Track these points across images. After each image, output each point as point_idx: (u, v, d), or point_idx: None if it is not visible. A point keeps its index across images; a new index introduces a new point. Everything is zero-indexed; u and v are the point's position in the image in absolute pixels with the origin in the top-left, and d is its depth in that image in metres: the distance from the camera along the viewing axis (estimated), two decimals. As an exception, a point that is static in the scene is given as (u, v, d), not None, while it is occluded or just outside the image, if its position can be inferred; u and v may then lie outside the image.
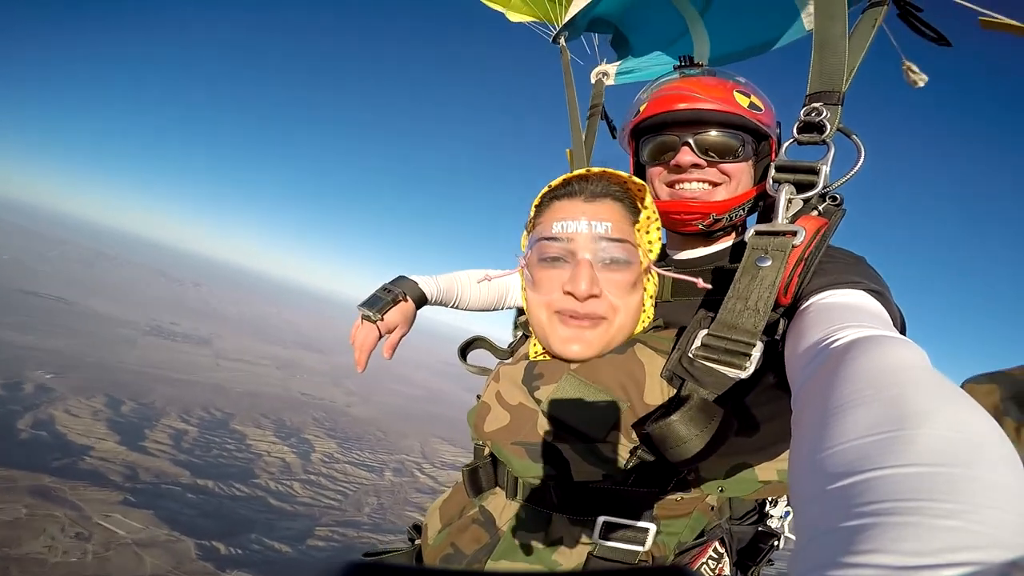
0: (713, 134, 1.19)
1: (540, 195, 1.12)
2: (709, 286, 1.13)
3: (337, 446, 77.91)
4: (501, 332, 1.65)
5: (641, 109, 1.29)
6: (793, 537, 1.36)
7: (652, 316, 1.16)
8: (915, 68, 1.29)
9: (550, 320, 1.07)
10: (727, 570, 1.19)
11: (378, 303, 1.42)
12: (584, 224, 1.03)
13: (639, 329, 1.12)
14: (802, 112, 1.09)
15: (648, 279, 1.12)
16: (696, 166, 1.20)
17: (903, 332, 0.96)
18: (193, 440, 64.08)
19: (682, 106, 1.19)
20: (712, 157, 1.19)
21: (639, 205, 1.12)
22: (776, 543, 1.38)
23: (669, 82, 1.30)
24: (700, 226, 1.25)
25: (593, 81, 1.98)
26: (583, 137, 1.83)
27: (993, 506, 0.36)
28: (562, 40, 1.95)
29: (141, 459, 54.48)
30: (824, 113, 1.06)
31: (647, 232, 1.13)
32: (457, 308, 1.65)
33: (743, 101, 1.20)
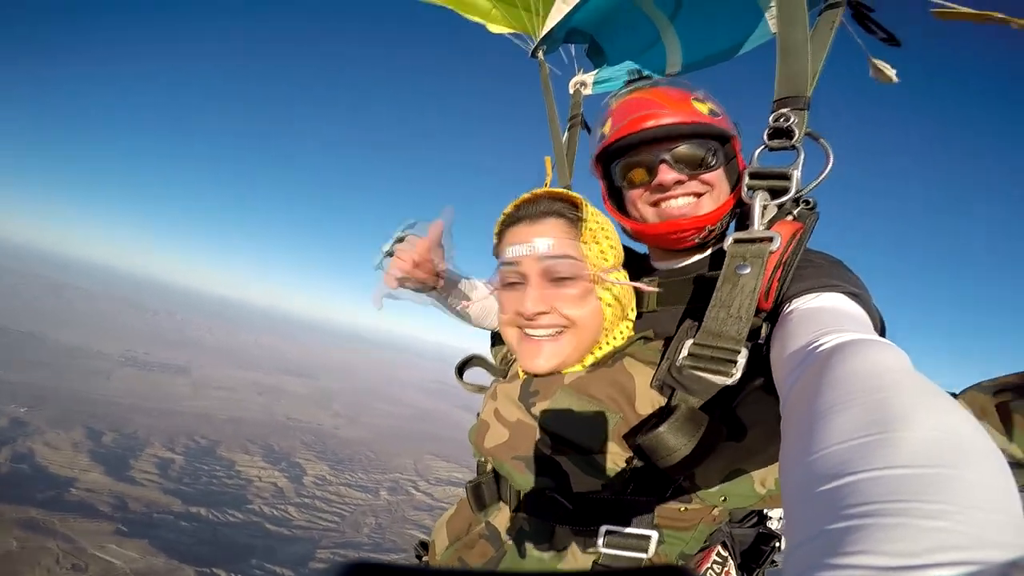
0: (686, 147, 1.18)
1: (498, 223, 1.18)
2: (656, 289, 1.19)
3: (329, 468, 76.41)
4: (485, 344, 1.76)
5: (605, 133, 1.27)
6: None
7: (627, 324, 1.20)
8: (883, 64, 1.30)
9: (517, 338, 1.14)
10: (733, 573, 1.21)
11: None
12: (526, 248, 1.08)
13: (619, 338, 1.17)
14: (771, 118, 1.10)
15: (605, 287, 1.13)
16: (679, 182, 1.20)
17: (883, 333, 0.98)
18: (180, 468, 62.38)
19: (650, 124, 1.18)
20: (691, 170, 1.19)
21: (581, 218, 1.14)
22: (777, 544, 1.38)
23: (626, 98, 1.29)
24: (696, 240, 1.25)
25: (571, 92, 1.99)
26: (564, 148, 1.85)
27: (978, 506, 0.37)
28: (540, 54, 1.98)
29: (129, 489, 52.70)
30: (792, 119, 1.08)
31: (596, 242, 1.12)
32: (457, 311, 1.56)
33: (703, 108, 1.21)
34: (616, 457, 1.01)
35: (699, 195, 1.22)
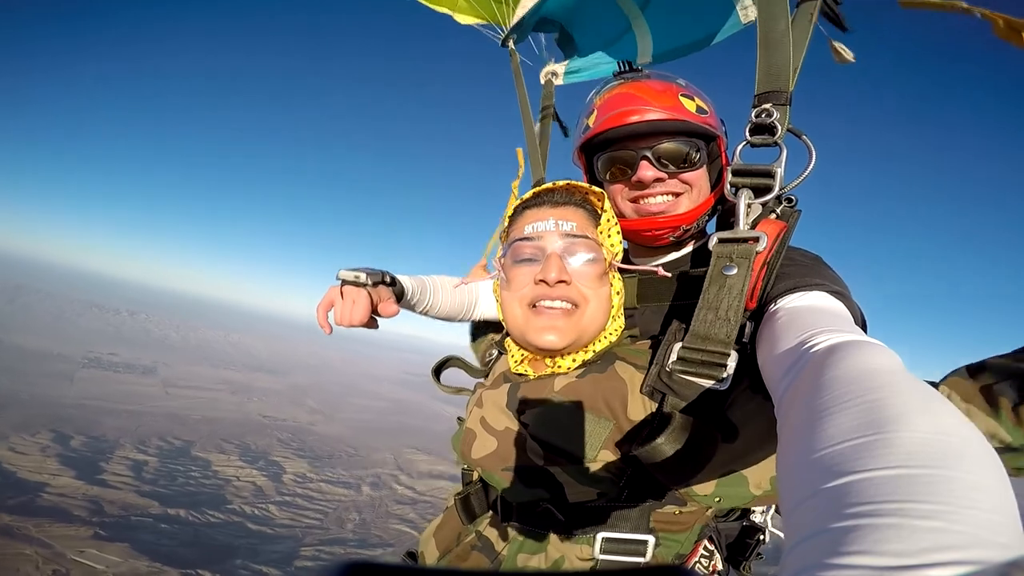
0: (669, 144, 1.17)
1: (512, 207, 1.20)
2: (668, 274, 1.16)
3: (308, 465, 75.19)
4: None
5: (590, 125, 1.27)
6: (777, 532, 1.45)
7: (623, 320, 1.19)
8: (841, 46, 1.32)
9: (525, 314, 1.10)
10: (720, 566, 1.23)
11: (367, 272, 1.24)
12: (552, 223, 1.09)
13: (614, 334, 1.15)
14: (753, 114, 1.08)
15: (614, 276, 1.14)
16: (659, 180, 1.20)
17: (864, 329, 0.97)
18: (155, 470, 60.48)
19: (634, 119, 1.17)
20: (671, 168, 1.18)
21: (599, 211, 1.16)
22: (762, 537, 1.42)
23: (614, 91, 1.28)
24: (671, 238, 1.26)
25: (543, 82, 1.98)
26: (537, 139, 1.86)
27: (973, 506, 0.37)
28: (511, 43, 1.95)
29: (103, 492, 50.90)
30: (774, 114, 1.06)
31: (608, 235, 1.15)
32: (427, 313, 1.53)
33: (690, 106, 1.20)
34: (610, 465, 0.99)
35: (678, 194, 1.22)
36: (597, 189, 1.13)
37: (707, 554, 1.19)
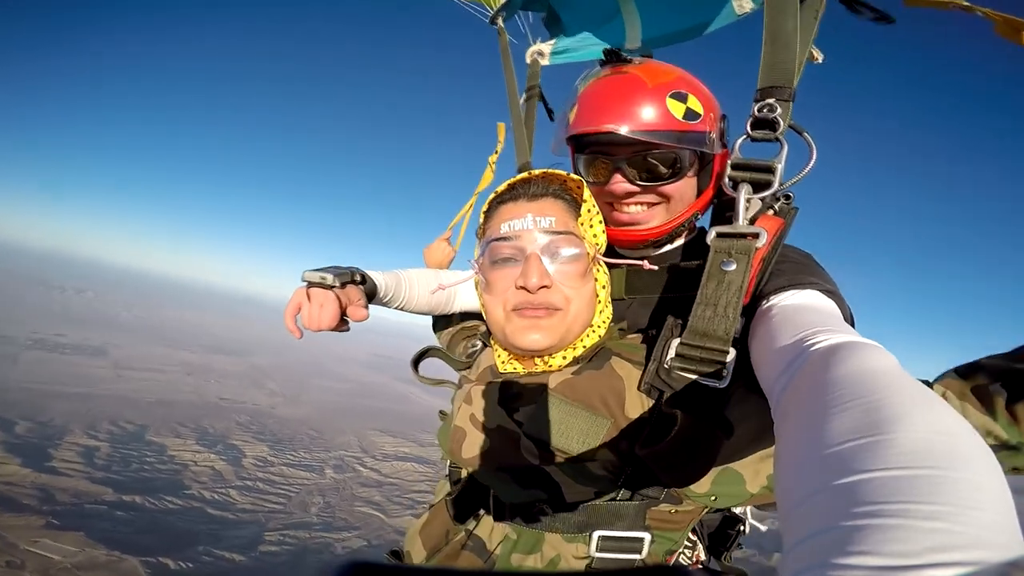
0: (644, 158, 1.15)
1: (487, 202, 1.14)
2: (655, 267, 1.16)
3: (269, 449, 74.09)
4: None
5: (571, 119, 1.25)
6: (756, 524, 1.50)
7: (611, 312, 1.17)
8: (814, 49, 1.30)
9: (507, 317, 1.06)
10: (702, 556, 1.25)
11: (334, 272, 1.17)
12: (530, 220, 1.04)
13: (602, 327, 1.13)
14: (755, 108, 1.06)
15: (598, 269, 1.11)
16: (630, 193, 1.18)
17: (852, 327, 0.97)
18: (107, 456, 58.57)
19: (608, 127, 1.13)
20: (646, 181, 1.16)
21: (579, 200, 1.12)
22: (742, 527, 1.45)
23: (599, 81, 1.24)
24: (648, 243, 1.26)
25: (528, 62, 1.92)
26: (523, 120, 1.81)
27: (974, 506, 0.37)
28: (500, 21, 1.91)
29: (53, 480, 49.08)
30: (777, 109, 1.04)
31: (590, 226, 1.11)
32: (403, 309, 1.48)
33: (678, 110, 1.14)
34: (608, 464, 0.98)
35: (652, 205, 1.20)
36: (576, 177, 1.09)
37: (690, 544, 1.21)
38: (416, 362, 1.37)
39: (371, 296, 1.29)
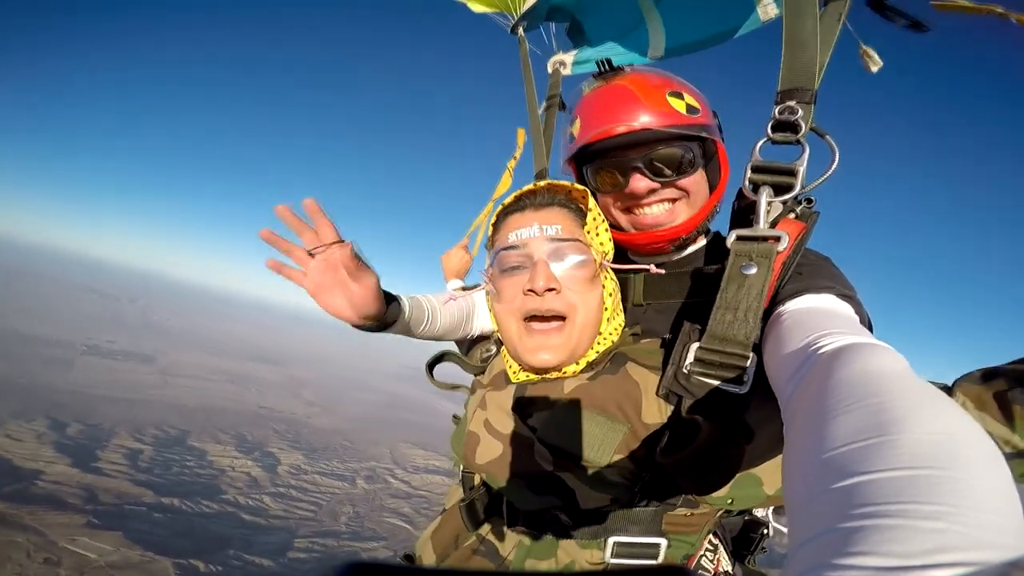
0: (660, 152, 1.13)
1: (495, 214, 1.15)
2: (662, 271, 1.14)
3: (304, 457, 75.39)
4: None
5: (574, 135, 1.22)
6: (779, 527, 1.45)
7: (623, 318, 1.16)
8: (872, 52, 1.29)
9: (519, 331, 1.07)
10: (724, 561, 1.20)
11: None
12: (536, 229, 1.05)
13: (613, 335, 1.11)
14: (776, 110, 1.05)
15: (605, 276, 1.10)
16: (652, 190, 1.16)
17: (870, 331, 0.95)
18: (150, 459, 60.60)
19: (621, 129, 1.12)
20: (665, 176, 1.14)
21: (585, 209, 1.12)
22: (766, 531, 1.41)
23: (595, 92, 1.22)
24: (671, 248, 1.23)
25: (550, 71, 1.94)
26: (542, 129, 1.82)
27: (977, 507, 0.37)
28: (520, 30, 1.92)
29: (98, 480, 51.04)
30: (798, 112, 1.02)
31: (596, 234, 1.12)
32: (422, 336, 1.41)
33: (679, 106, 1.14)
34: (625, 470, 0.96)
35: (674, 200, 1.18)
36: (580, 187, 1.09)
37: (711, 548, 1.15)
38: (431, 366, 1.40)
39: (393, 322, 1.26)
